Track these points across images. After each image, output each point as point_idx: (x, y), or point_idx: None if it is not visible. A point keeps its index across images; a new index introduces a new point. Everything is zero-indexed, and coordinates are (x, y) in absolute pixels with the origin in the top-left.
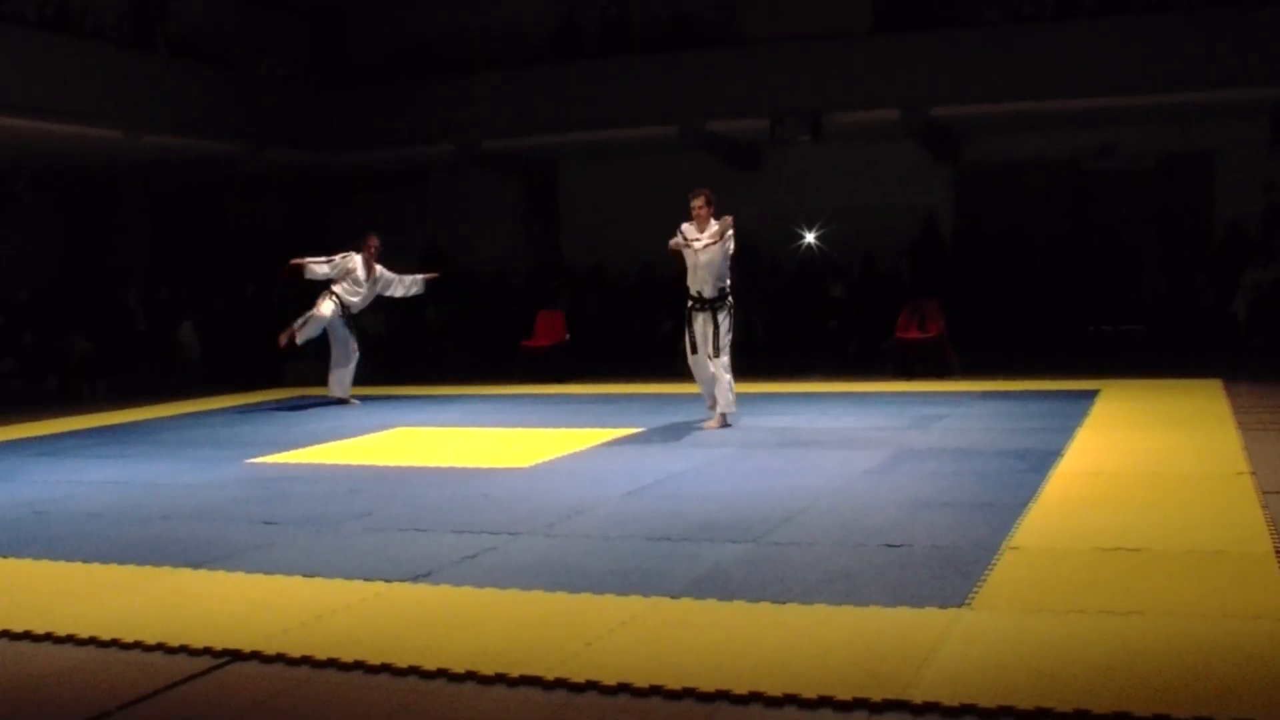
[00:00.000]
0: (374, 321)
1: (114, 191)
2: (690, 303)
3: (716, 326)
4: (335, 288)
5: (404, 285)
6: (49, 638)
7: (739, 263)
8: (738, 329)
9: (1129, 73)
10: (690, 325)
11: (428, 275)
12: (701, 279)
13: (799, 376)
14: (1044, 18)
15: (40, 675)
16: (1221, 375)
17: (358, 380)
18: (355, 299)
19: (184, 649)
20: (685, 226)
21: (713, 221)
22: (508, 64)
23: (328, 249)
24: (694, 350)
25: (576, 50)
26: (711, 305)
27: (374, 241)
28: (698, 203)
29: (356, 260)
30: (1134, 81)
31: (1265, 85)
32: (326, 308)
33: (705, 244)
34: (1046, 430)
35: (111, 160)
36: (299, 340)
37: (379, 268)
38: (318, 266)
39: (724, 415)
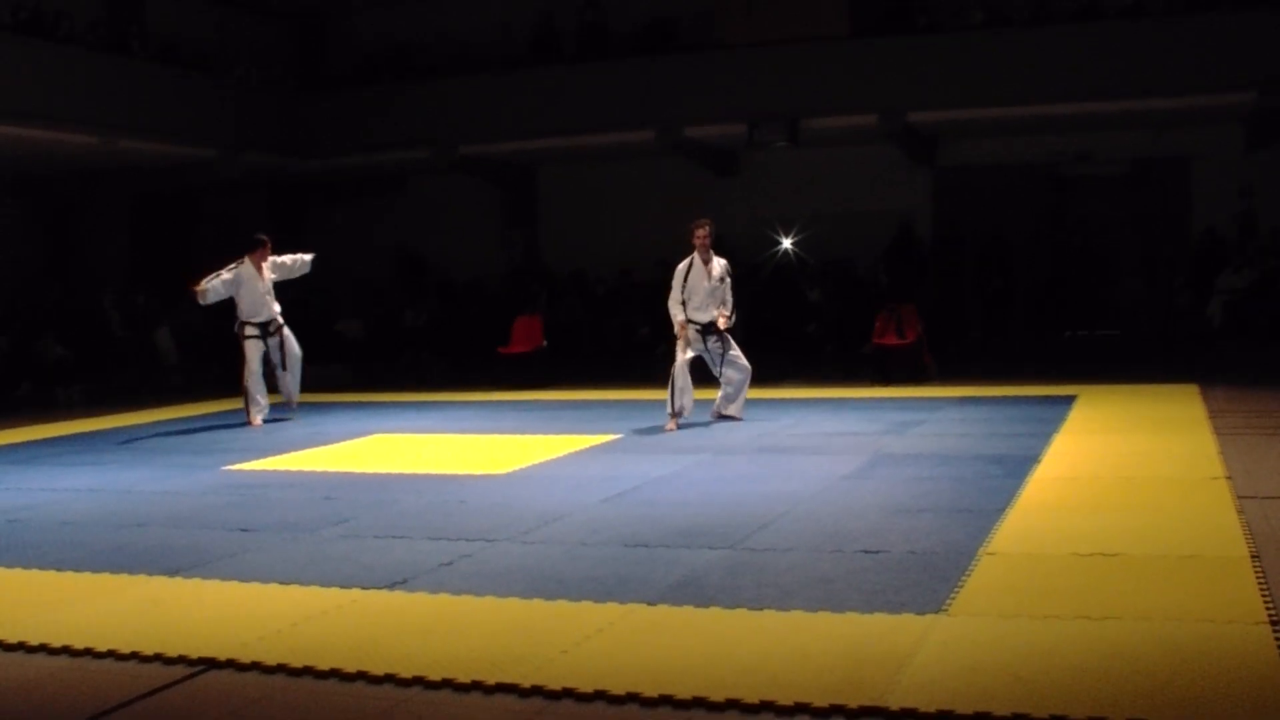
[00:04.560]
0: (352, 326)
1: (90, 195)
2: (700, 327)
3: (726, 351)
4: (240, 314)
5: (289, 268)
6: (21, 647)
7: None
8: None
9: (1105, 78)
10: (703, 339)
11: (310, 255)
12: (711, 310)
13: (777, 383)
14: (1020, 23)
15: (12, 685)
16: (1197, 380)
17: (312, 385)
18: (260, 311)
19: (158, 657)
20: (685, 268)
21: (713, 256)
22: (485, 68)
23: (307, 252)
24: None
25: (554, 55)
26: (720, 332)
27: (264, 239)
28: (701, 232)
29: (249, 269)
30: (1110, 87)
31: (1240, 91)
32: (250, 349)
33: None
34: (1024, 435)
35: (88, 164)
36: (253, 405)
37: (272, 260)
38: (218, 285)
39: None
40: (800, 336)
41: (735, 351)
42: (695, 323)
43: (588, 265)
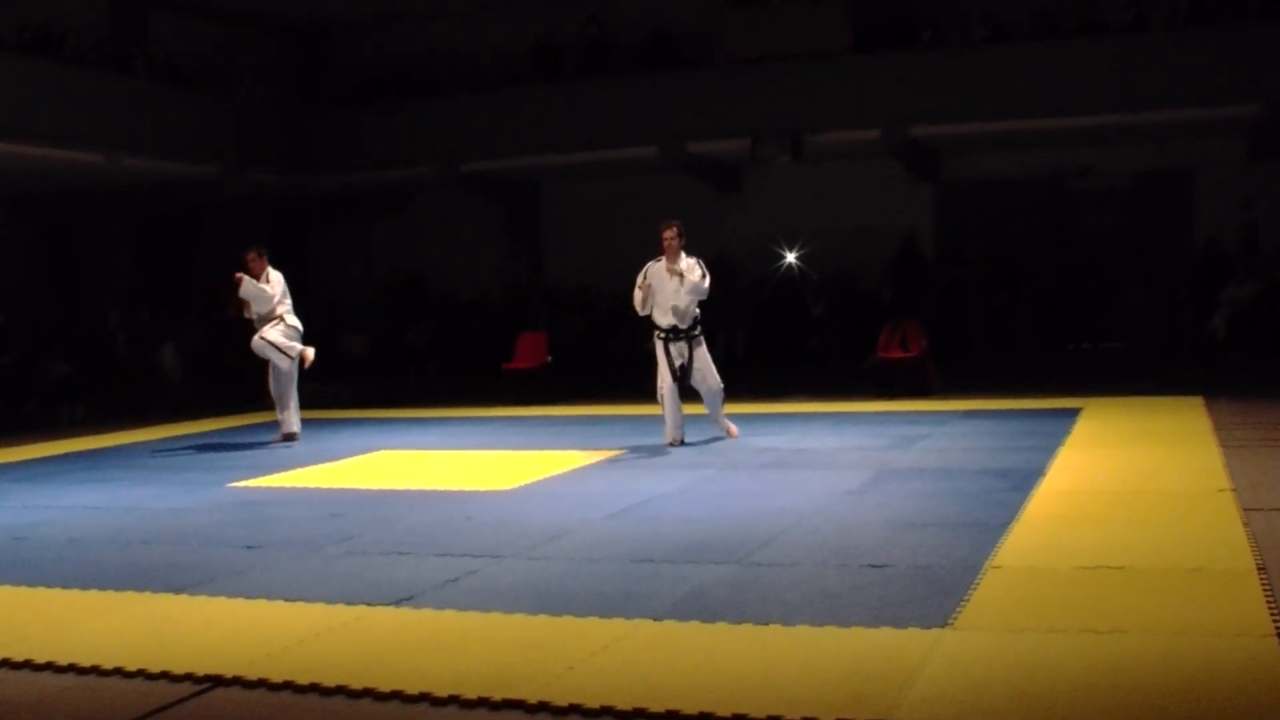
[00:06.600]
0: (356, 343)
1: (94, 213)
2: (664, 334)
3: (693, 356)
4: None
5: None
6: (28, 665)
7: (719, 282)
8: (719, 348)
9: (1108, 92)
10: (668, 356)
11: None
12: (679, 312)
13: (780, 397)
14: (1023, 37)
15: (20, 703)
16: (1202, 392)
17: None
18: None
19: (165, 675)
20: (652, 266)
21: (683, 255)
22: (487, 85)
23: (310, 270)
24: (675, 379)
25: (556, 71)
26: (688, 335)
27: (249, 256)
28: (669, 234)
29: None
30: (1113, 100)
31: (1243, 103)
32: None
33: (686, 278)
34: (1029, 449)
35: (92, 183)
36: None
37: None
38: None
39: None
40: (804, 351)
41: (701, 365)
42: (657, 327)
43: (591, 281)
